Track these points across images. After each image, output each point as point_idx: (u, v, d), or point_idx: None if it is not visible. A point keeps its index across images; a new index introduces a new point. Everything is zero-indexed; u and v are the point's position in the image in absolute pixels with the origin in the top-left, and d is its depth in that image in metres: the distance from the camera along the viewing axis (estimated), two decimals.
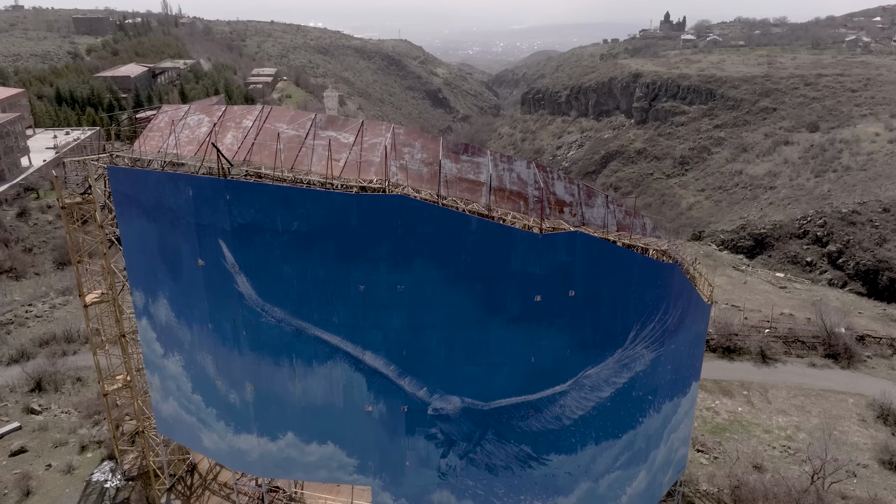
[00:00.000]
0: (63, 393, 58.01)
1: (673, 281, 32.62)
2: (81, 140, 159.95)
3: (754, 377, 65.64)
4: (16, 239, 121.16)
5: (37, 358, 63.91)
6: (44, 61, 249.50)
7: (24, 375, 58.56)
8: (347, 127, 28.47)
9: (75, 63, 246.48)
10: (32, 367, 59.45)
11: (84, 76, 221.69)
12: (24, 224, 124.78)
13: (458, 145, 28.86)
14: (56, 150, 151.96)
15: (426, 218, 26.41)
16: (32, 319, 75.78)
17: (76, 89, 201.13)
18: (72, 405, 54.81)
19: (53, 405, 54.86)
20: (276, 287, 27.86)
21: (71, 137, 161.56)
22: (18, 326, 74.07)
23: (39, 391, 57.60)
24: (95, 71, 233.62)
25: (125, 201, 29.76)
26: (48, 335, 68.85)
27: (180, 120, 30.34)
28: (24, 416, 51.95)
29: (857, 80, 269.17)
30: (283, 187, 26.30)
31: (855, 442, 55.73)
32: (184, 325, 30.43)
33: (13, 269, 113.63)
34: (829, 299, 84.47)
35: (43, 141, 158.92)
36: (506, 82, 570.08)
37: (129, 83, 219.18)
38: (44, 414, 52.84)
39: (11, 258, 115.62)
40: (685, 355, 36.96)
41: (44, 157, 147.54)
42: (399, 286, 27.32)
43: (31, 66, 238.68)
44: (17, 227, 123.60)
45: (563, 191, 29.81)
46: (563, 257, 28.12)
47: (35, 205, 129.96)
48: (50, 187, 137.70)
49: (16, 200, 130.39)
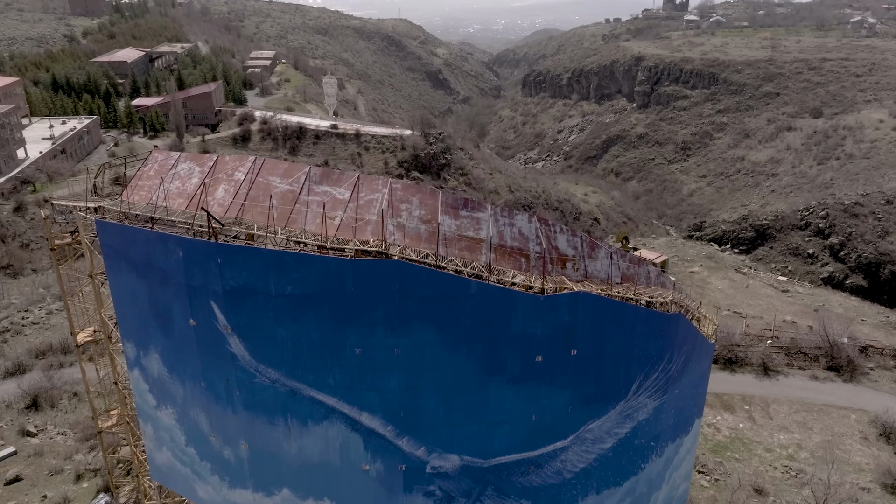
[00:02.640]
0: (59, 410, 57.58)
1: (677, 330, 31.86)
2: (78, 130, 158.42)
3: (756, 390, 65.16)
4: (13, 234, 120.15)
5: (33, 371, 63.43)
6: (39, 45, 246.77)
7: (20, 392, 58.06)
8: (343, 181, 27.54)
9: (71, 47, 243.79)
10: (28, 383, 58.91)
11: (80, 61, 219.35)
12: (20, 219, 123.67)
13: (458, 200, 27.96)
14: (53, 140, 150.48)
15: (424, 282, 25.58)
16: (29, 327, 75.22)
17: (72, 75, 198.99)
18: (68, 425, 54.39)
19: (49, 425, 54.41)
20: (269, 349, 27.12)
21: (68, 127, 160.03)
22: (15, 335, 73.55)
23: (35, 409, 57.17)
24: (92, 55, 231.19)
25: (114, 255, 28.92)
26: (44, 345, 68.31)
27: (170, 169, 29.38)
28: (19, 439, 51.51)
29: (861, 65, 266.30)
30: (276, 252, 25.44)
31: (857, 462, 55.34)
32: (176, 381, 29.75)
33: (10, 266, 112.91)
34: (832, 305, 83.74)
35: (39, 131, 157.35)
36: (507, 62, 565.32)
37: (125, 68, 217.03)
38: (39, 436, 52.41)
39: (9, 255, 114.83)
40: (688, 396, 36.34)
41: (40, 148, 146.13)
42: (396, 349, 26.57)
43: (26, 49, 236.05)
44: (13, 222, 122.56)
45: (566, 244, 28.94)
46: (565, 317, 27.35)
47: (32, 198, 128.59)
48: (47, 180, 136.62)
49: (12, 194, 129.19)
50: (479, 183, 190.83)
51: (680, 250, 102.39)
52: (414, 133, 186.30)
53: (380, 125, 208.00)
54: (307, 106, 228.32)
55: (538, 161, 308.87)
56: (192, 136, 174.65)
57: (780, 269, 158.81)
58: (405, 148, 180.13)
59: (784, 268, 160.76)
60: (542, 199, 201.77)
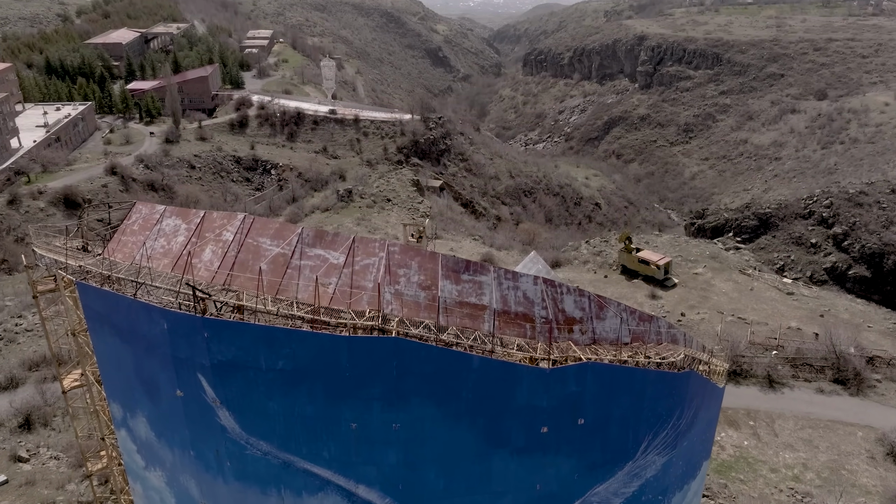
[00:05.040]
0: (53, 429, 56.55)
1: (689, 387, 30.53)
2: (73, 117, 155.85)
3: (761, 404, 64.15)
4: (7, 228, 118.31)
5: (26, 384, 62.33)
6: (32, 25, 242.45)
7: (12, 410, 56.98)
8: (338, 244, 25.99)
9: (65, 27, 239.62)
10: (21, 400, 57.82)
11: (74, 42, 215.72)
12: (15, 212, 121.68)
13: (459, 263, 26.42)
14: (47, 128, 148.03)
15: (424, 358, 24.19)
16: (23, 334, 73.93)
17: (66, 58, 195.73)
18: (61, 447, 53.33)
19: (42, 448, 53.37)
20: (260, 422, 25.78)
21: (62, 114, 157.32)
22: (8, 343, 72.31)
23: (28, 428, 56.12)
24: (86, 36, 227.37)
25: (97, 318, 27.47)
26: (38, 356, 67.04)
27: (155, 224, 27.80)
28: (10, 466, 50.46)
29: (867, 45, 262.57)
30: (267, 327, 23.99)
31: (864, 484, 54.47)
32: (165, 446, 28.48)
33: (5, 262, 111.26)
34: (838, 310, 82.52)
35: (33, 118, 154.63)
36: (507, 38, 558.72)
37: (120, 50, 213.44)
38: (32, 461, 51.36)
39: (3, 249, 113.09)
40: (697, 443, 35.16)
41: (34, 136, 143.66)
42: (394, 424, 25.26)
43: (19, 30, 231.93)
44: (7, 215, 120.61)
45: (573, 306, 27.48)
46: (572, 388, 26.01)
47: (26, 190, 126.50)
48: (42, 170, 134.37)
49: (6, 186, 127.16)
50: (480, 168, 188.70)
51: (683, 249, 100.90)
52: (413, 118, 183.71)
53: (379, 109, 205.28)
54: (305, 88, 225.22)
55: (539, 142, 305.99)
56: (189, 121, 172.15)
57: (782, 259, 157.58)
58: (404, 133, 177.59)
59: (787, 257, 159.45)
60: (542, 184, 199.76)
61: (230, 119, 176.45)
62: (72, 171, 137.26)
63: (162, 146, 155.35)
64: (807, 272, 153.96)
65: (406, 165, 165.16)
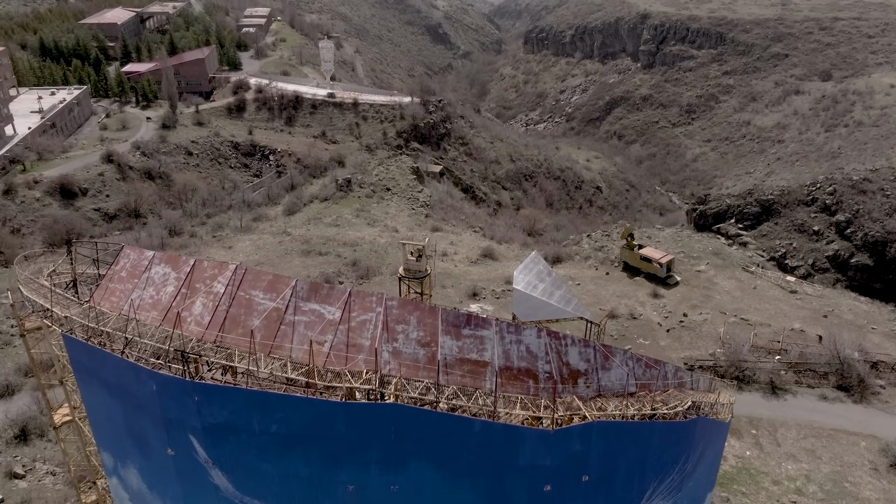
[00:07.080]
0: (49, 441, 55.98)
1: (695, 434, 29.71)
2: (68, 102, 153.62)
3: (763, 412, 63.56)
4: (3, 219, 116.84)
5: (22, 391, 61.72)
6: (26, 3, 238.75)
7: (8, 421, 56.40)
8: (333, 298, 24.97)
9: (59, 6, 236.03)
10: (16, 410, 57.24)
11: (69, 22, 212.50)
12: (10, 202, 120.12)
13: (460, 317, 25.43)
14: (42, 114, 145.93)
15: (423, 423, 23.35)
16: (18, 337, 73.07)
17: (61, 39, 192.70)
18: (57, 461, 52.78)
19: (38, 462, 52.85)
20: (255, 483, 25.00)
21: (57, 98, 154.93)
22: (4, 346, 71.59)
23: (24, 440, 55.58)
24: (81, 15, 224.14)
25: (84, 371, 26.56)
26: None
27: (143, 272, 26.75)
28: (6, 483, 49.96)
29: (874, 25, 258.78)
30: (259, 392, 23.08)
31: (867, 497, 54.04)
32: (157, 498, 27.73)
33: (1, 254, 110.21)
34: (842, 310, 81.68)
35: (27, 103, 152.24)
36: (508, 13, 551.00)
37: (115, 31, 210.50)
38: (28, 478, 50.86)
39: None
40: (702, 479, 34.46)
41: (29, 122, 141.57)
42: (393, 486, 24.49)
43: (12, 9, 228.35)
44: (3, 206, 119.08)
45: (578, 357, 26.55)
46: (577, 447, 25.19)
47: (22, 179, 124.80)
48: (37, 158, 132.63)
49: (1, 175, 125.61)
50: (480, 153, 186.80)
51: (686, 245, 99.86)
52: (413, 101, 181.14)
53: (378, 92, 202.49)
54: (303, 69, 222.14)
55: (540, 122, 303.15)
56: (186, 105, 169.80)
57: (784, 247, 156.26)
58: (404, 117, 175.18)
59: (789, 244, 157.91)
60: (543, 167, 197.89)
61: (227, 103, 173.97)
62: (68, 158, 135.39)
63: (159, 132, 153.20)
64: (808, 260, 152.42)
65: (405, 150, 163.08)
